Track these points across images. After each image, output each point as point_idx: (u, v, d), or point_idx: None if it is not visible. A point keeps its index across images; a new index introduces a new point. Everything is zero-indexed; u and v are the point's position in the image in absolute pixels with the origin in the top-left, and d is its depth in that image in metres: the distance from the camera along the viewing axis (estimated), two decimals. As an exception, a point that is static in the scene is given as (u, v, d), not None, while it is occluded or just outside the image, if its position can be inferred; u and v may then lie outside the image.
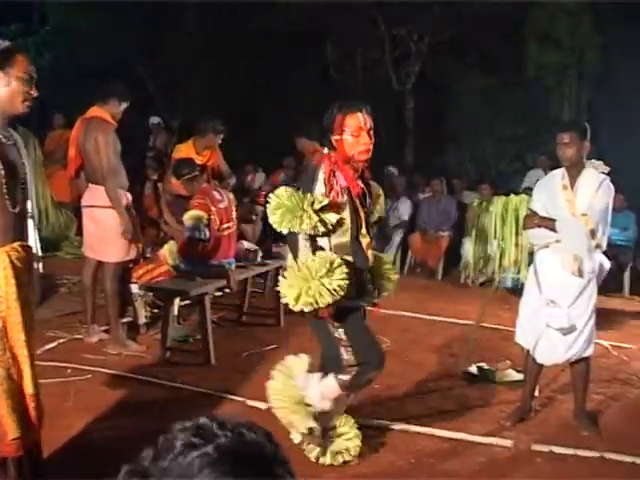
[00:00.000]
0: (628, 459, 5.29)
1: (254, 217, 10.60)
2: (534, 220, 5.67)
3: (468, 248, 9.55)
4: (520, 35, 17.95)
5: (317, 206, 4.34)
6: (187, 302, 7.80)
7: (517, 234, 6.75)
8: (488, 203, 6.95)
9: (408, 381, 6.74)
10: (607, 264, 6.60)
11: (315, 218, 4.31)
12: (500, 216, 6.78)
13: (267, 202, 4.49)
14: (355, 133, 4.47)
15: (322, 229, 4.38)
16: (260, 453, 1.25)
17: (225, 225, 7.31)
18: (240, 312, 8.44)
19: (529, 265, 6.10)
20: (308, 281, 4.25)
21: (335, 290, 4.25)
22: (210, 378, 6.47)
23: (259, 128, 19.02)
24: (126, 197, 6.99)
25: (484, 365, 7.08)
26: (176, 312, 7.47)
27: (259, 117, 19.20)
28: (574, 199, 5.56)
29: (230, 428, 1.26)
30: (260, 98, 19.05)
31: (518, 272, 7.07)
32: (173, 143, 11.25)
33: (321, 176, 4.50)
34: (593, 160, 5.73)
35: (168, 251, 7.20)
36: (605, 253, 6.25)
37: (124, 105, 7.03)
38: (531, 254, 5.92)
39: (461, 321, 8.45)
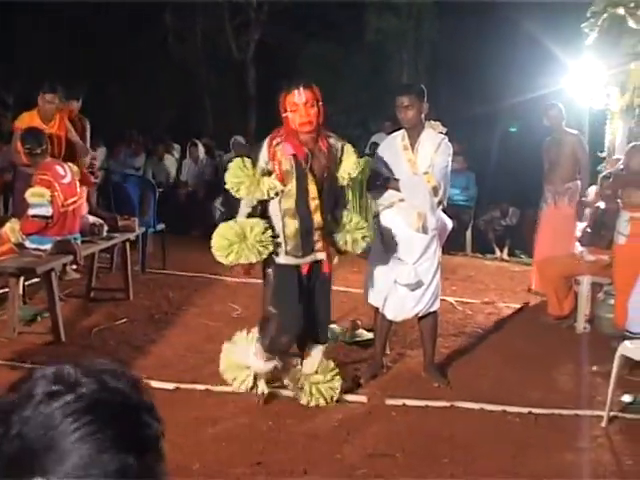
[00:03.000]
0: (476, 406, 5.55)
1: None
2: (378, 181, 5.80)
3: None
4: (359, 2, 18.12)
5: (261, 176, 5.00)
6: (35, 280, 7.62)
7: (361, 196, 6.86)
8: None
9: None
10: (449, 223, 6.81)
11: (260, 186, 4.98)
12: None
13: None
14: (293, 109, 4.95)
15: (269, 195, 5.03)
16: (124, 401, 1.23)
17: (70, 200, 7.12)
18: (88, 288, 8.28)
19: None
20: (243, 239, 4.92)
21: (259, 252, 4.97)
22: (61, 356, 6.32)
23: (99, 99, 18.60)
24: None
25: (336, 327, 7.20)
26: (21, 291, 7.27)
27: (99, 88, 18.74)
28: (415, 159, 5.72)
29: (93, 375, 1.23)
30: (100, 68, 18.56)
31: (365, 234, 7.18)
32: (9, 118, 10.86)
33: (264, 148, 5.07)
34: (431, 121, 5.90)
35: (10, 229, 6.97)
36: (447, 212, 6.46)
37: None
38: (376, 215, 6.03)
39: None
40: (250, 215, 5.09)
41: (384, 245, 5.84)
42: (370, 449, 4.83)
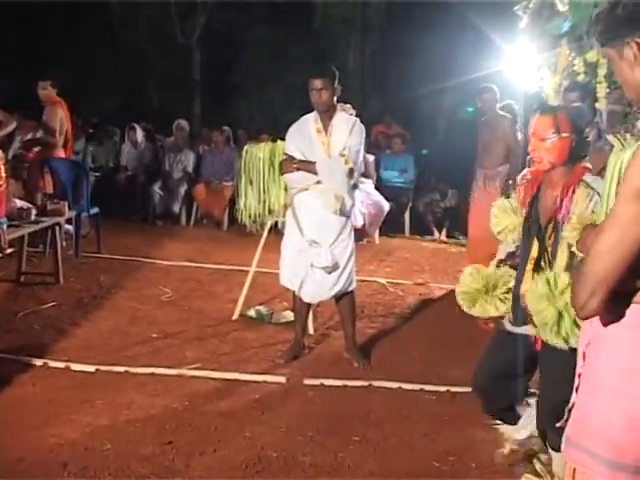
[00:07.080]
0: (395, 385, 5.62)
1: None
2: (292, 164, 5.84)
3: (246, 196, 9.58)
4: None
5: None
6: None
7: (274, 180, 6.85)
8: (257, 150, 6.99)
9: (186, 328, 6.83)
10: (386, 205, 6.84)
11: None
12: (268, 162, 6.86)
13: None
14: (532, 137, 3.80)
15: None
16: None
17: (-5, 185, 7.09)
18: (18, 272, 8.23)
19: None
20: (486, 292, 4.08)
21: (497, 307, 4.07)
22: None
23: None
24: None
25: (262, 308, 7.27)
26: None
27: (41, 72, 18.53)
28: (329, 142, 5.77)
29: None
30: (49, 55, 18.37)
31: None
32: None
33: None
34: (342, 103, 5.97)
35: None
36: (384, 195, 6.51)
37: None
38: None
39: (242, 268, 8.52)
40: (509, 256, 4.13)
41: (299, 228, 5.89)
42: (283, 428, 4.87)
